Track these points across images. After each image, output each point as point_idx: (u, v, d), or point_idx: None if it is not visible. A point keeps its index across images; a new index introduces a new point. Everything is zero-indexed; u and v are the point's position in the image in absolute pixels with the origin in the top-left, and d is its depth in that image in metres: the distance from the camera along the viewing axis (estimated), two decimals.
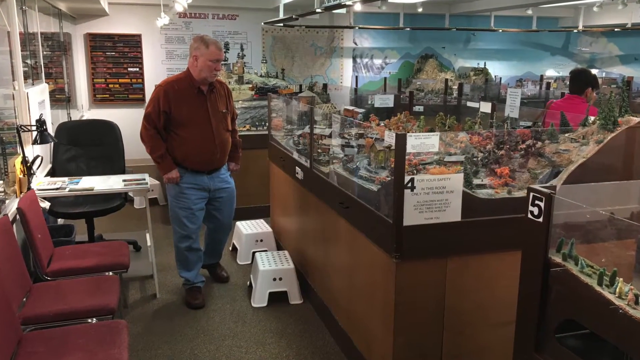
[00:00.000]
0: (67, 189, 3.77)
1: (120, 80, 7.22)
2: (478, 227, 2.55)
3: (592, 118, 2.77)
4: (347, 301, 3.19)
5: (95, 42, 7.06)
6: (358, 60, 8.61)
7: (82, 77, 7.06)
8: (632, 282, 1.46)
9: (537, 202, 1.62)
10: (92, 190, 3.81)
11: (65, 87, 6.10)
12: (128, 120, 6.30)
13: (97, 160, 4.76)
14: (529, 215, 1.67)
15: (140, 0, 6.96)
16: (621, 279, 1.44)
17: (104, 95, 7.21)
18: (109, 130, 4.85)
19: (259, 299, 3.88)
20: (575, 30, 8.52)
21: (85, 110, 7.05)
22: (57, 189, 3.76)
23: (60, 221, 4.84)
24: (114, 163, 4.76)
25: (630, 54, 9.18)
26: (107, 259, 3.35)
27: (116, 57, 7.14)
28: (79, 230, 4.42)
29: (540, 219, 1.62)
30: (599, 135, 2.52)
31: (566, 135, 2.80)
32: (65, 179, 4.03)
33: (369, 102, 5.28)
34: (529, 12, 7.74)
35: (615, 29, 7.86)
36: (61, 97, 5.92)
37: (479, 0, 7.66)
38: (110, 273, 3.26)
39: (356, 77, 8.36)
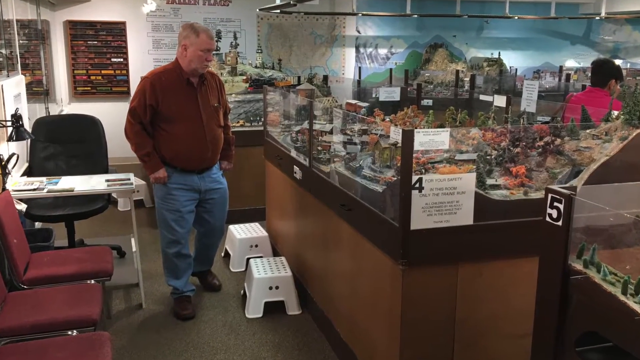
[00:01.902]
0: (45, 190, 3.77)
1: (103, 72, 7.22)
2: (492, 231, 2.56)
3: (615, 113, 2.78)
4: (350, 311, 3.19)
5: (76, 30, 7.06)
6: (361, 49, 8.61)
7: (61, 69, 7.07)
8: None
9: (555, 204, 1.62)
10: (73, 191, 3.81)
11: (43, 79, 6.11)
12: (112, 115, 6.30)
13: (77, 158, 4.76)
14: (547, 219, 1.67)
15: None
16: None
17: (86, 88, 7.21)
18: (91, 126, 4.85)
19: (254, 309, 3.88)
20: (597, 18, 8.51)
21: (65, 105, 7.05)
22: (34, 189, 3.76)
23: (37, 225, 4.84)
24: (96, 162, 4.76)
25: None
26: (89, 266, 3.35)
27: (99, 46, 7.15)
28: (58, 234, 4.42)
29: (560, 223, 1.62)
30: (623, 131, 2.52)
31: (588, 131, 2.81)
32: (43, 179, 4.03)
33: (374, 96, 5.27)
34: None
35: None
36: (39, 90, 5.93)
37: None
38: (92, 281, 3.26)
39: (359, 68, 8.36)
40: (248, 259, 4.38)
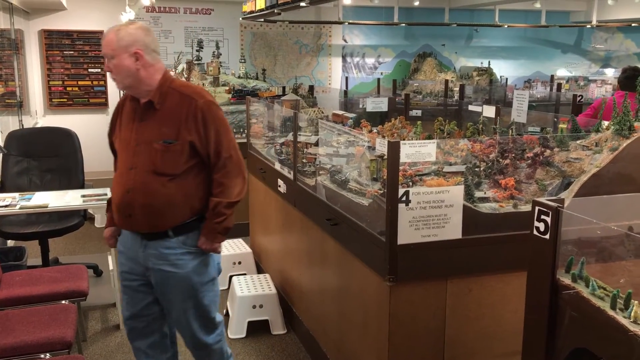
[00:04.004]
0: (17, 206, 3.74)
1: (79, 83, 7.21)
2: (481, 245, 2.57)
3: (605, 123, 2.82)
4: (337, 330, 3.19)
5: (52, 40, 7.05)
6: (348, 59, 8.68)
7: (36, 80, 7.04)
8: None
9: (543, 217, 1.64)
10: (47, 207, 3.78)
11: (16, 91, 6.08)
12: (88, 128, 6.29)
13: (52, 173, 4.74)
14: (535, 232, 1.69)
15: None
16: (636, 301, 1.46)
17: (62, 100, 7.19)
18: (67, 140, 4.84)
19: (237, 329, 3.86)
20: (588, 26, 8.67)
21: (40, 117, 7.02)
22: (6, 206, 3.73)
23: (10, 243, 4.79)
24: (71, 176, 4.74)
25: None
26: (63, 286, 3.32)
27: (75, 56, 7.14)
28: (31, 252, 4.38)
29: (547, 236, 1.64)
30: (614, 141, 2.56)
31: (577, 142, 2.84)
32: (16, 194, 4.01)
33: (361, 106, 5.32)
34: (537, 5, 7.86)
35: (633, 24, 8.02)
36: (12, 102, 5.90)
37: None
38: (67, 301, 3.23)
39: (346, 78, 8.43)
40: (231, 277, 4.36)
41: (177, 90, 2.58)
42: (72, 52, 7.12)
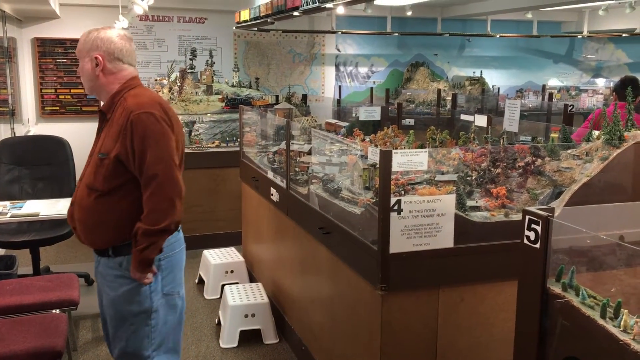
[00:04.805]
0: (8, 215, 3.72)
1: (72, 91, 7.20)
2: (473, 254, 2.58)
3: (596, 133, 2.84)
4: (329, 340, 3.18)
5: (44, 48, 7.04)
6: (341, 68, 8.70)
7: (28, 88, 7.02)
8: None
9: (533, 226, 1.65)
10: (38, 215, 3.76)
11: (8, 99, 6.06)
12: (81, 136, 6.25)
13: (44, 181, 4.72)
14: (525, 241, 1.70)
15: (95, 2, 6.99)
16: (626, 310, 1.46)
17: (54, 108, 7.17)
18: (59, 148, 4.82)
19: (229, 339, 3.84)
20: (579, 36, 8.75)
21: (32, 125, 7.00)
22: None
23: (0, 251, 4.76)
24: (63, 185, 4.72)
25: (639, 62, 9.43)
26: (54, 295, 3.30)
27: (68, 64, 7.13)
28: (22, 261, 4.35)
29: (537, 245, 1.65)
30: (604, 151, 2.58)
31: (568, 151, 2.86)
32: (7, 203, 3.99)
33: (354, 115, 5.34)
34: (529, 15, 7.94)
35: (623, 35, 8.09)
36: (4, 110, 5.88)
37: (474, 3, 7.84)
38: (57, 311, 3.21)
39: (339, 87, 8.45)
40: (223, 286, 4.35)
41: (126, 100, 2.38)
42: (64, 61, 7.11)
